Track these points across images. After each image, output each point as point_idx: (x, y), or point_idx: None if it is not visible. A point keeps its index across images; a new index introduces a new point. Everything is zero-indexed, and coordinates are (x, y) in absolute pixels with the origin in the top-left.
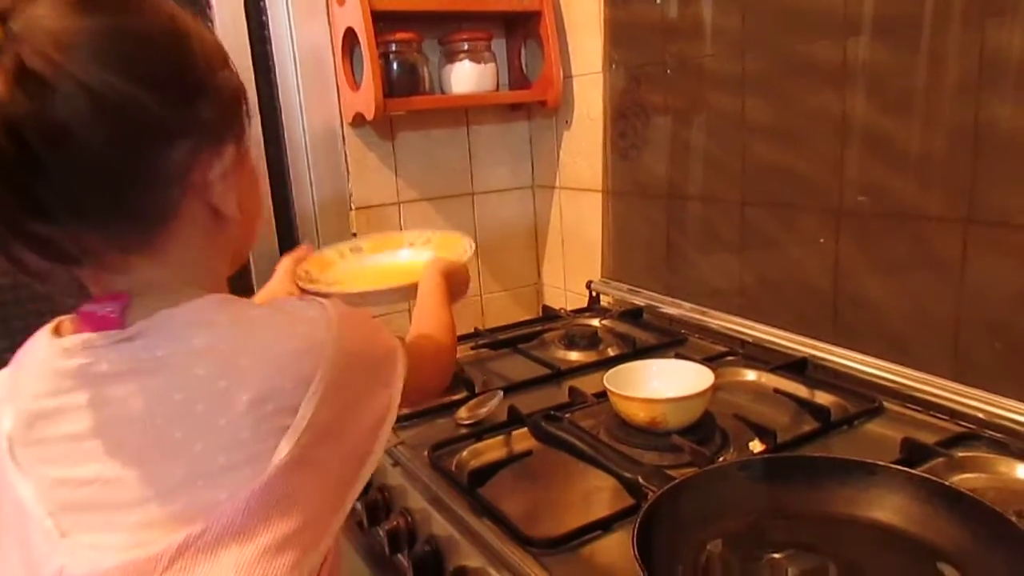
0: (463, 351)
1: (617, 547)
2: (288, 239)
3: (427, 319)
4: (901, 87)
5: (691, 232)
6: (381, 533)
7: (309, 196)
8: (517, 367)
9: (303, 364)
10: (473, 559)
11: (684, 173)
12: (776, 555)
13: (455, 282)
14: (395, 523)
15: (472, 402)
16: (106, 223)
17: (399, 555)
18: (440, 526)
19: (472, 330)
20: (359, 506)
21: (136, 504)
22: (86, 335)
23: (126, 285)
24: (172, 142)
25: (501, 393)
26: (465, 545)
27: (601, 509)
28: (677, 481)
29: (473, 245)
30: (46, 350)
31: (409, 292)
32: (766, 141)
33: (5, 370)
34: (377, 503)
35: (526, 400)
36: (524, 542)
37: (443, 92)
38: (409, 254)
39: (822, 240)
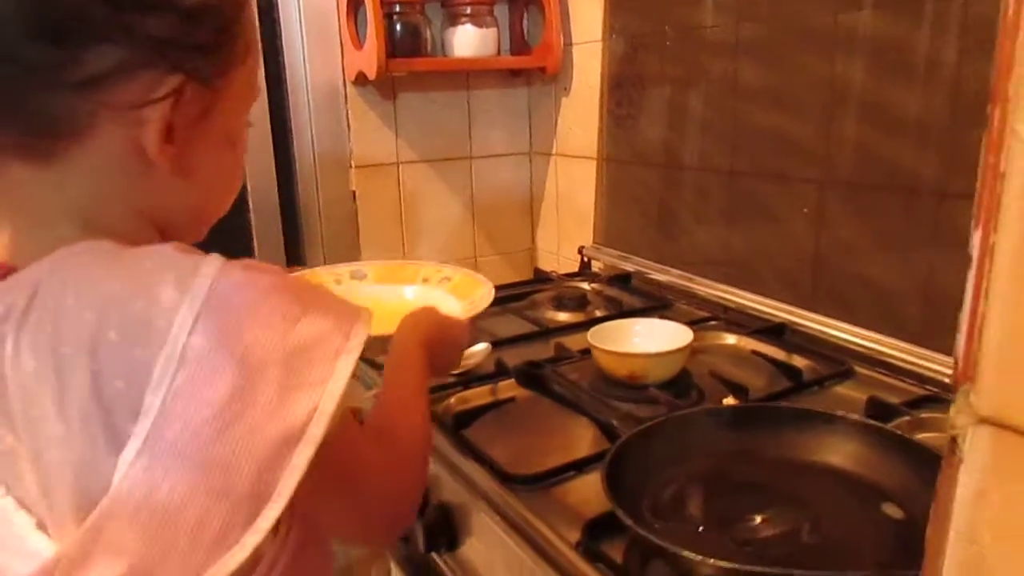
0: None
1: (592, 486)
2: (288, 194)
3: (393, 408)
4: (897, 56)
5: (682, 200)
6: None
7: (310, 152)
8: (506, 325)
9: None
10: (456, 495)
11: (678, 142)
12: (734, 493)
13: (443, 353)
14: None
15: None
16: None
17: None
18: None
19: None
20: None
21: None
22: None
23: (4, 201)
24: (93, 43)
25: (489, 345)
26: (448, 482)
27: (579, 453)
28: (648, 423)
29: (493, 295)
30: None
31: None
32: (760, 111)
33: None
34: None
35: (513, 354)
36: (504, 479)
37: (445, 55)
38: (419, 292)
39: (806, 210)
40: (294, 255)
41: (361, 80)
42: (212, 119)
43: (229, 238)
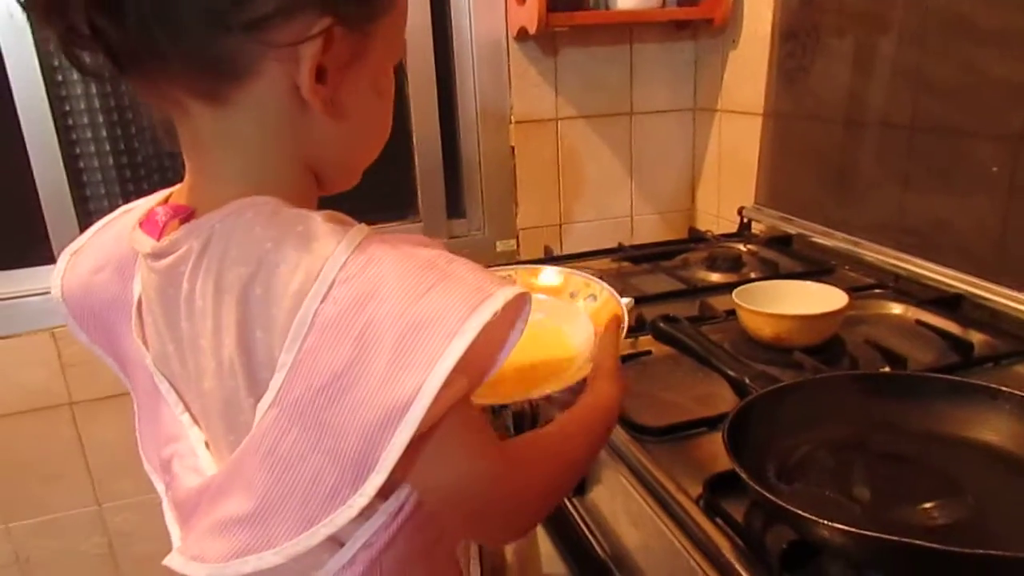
0: (602, 263)
1: (720, 445)
2: (451, 147)
3: (570, 431)
4: None
5: (855, 159)
6: (508, 415)
7: (473, 107)
8: (654, 282)
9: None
10: None
11: (852, 96)
12: (871, 462)
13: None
14: (520, 406)
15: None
16: (172, 39)
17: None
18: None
19: (616, 245)
20: None
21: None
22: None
23: (188, 137)
24: None
25: (632, 300)
26: None
27: (713, 411)
28: (783, 384)
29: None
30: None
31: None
32: (948, 59)
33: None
34: None
35: (656, 311)
36: (633, 429)
37: (607, 8)
38: (558, 306)
39: (995, 169)
40: (454, 207)
41: (523, 35)
42: (361, 66)
43: (395, 189)
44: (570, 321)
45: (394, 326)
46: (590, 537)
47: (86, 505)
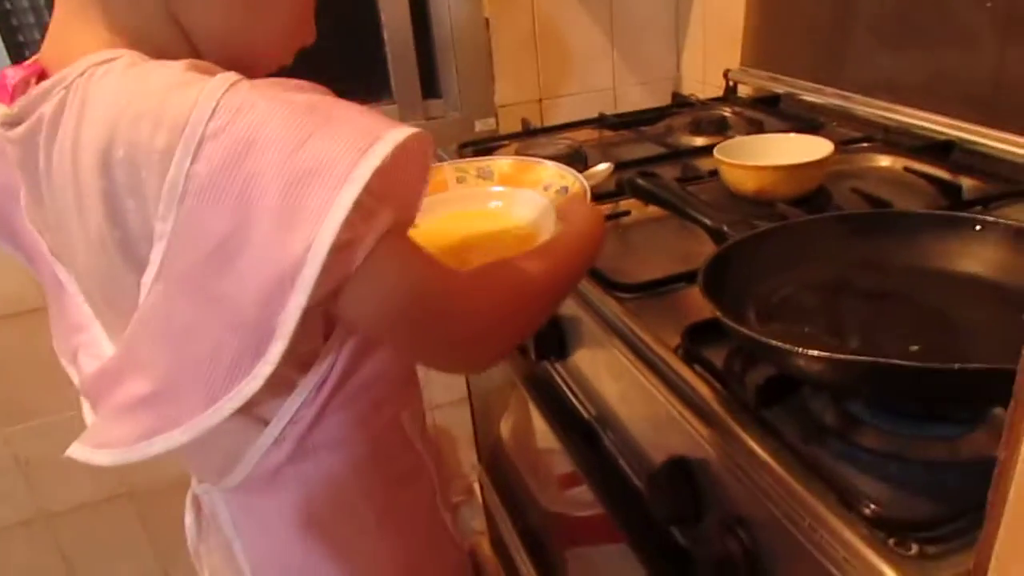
0: (583, 133)
1: (700, 299)
2: (422, 25)
3: (549, 252)
4: None
5: (843, 10)
6: None
7: None
8: (636, 150)
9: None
10: (566, 307)
11: None
12: (853, 298)
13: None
14: None
15: (582, 173)
16: None
17: None
18: None
19: (596, 115)
20: None
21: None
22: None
23: None
24: None
25: (611, 165)
26: None
27: (691, 266)
28: (763, 228)
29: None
30: None
31: None
32: None
33: None
34: None
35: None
36: (611, 286)
37: None
38: (532, 199)
39: (989, 4)
40: (429, 87)
41: None
42: None
43: (365, 70)
44: (530, 207)
45: (276, 180)
46: (574, 401)
47: (74, 409)
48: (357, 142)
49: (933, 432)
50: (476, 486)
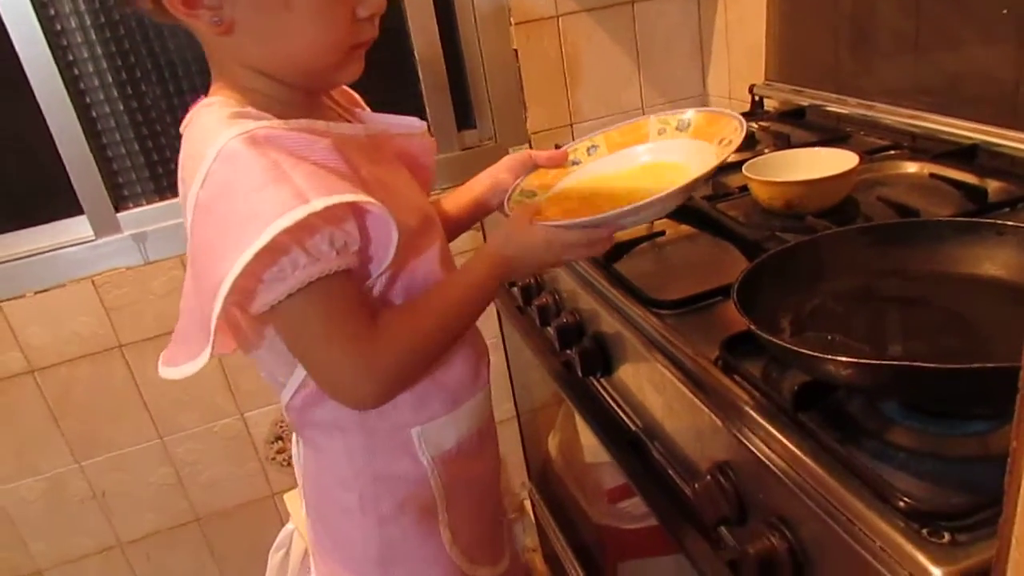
0: None
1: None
2: (454, 59)
3: (435, 301)
4: None
5: (865, 22)
6: (533, 308)
7: (471, 12)
8: None
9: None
10: (609, 326)
11: None
12: (881, 307)
13: (530, 260)
14: (544, 300)
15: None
16: None
17: (548, 327)
18: (584, 300)
19: None
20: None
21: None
22: None
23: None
24: None
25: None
26: (602, 313)
27: (726, 280)
28: (792, 243)
29: (744, 129)
30: None
31: (657, 206)
32: None
33: None
34: (547, 307)
35: None
36: (648, 304)
37: None
38: (656, 148)
39: (1005, 11)
40: (463, 118)
41: None
42: None
43: (403, 107)
44: (677, 152)
45: (233, 215)
46: (620, 414)
47: (149, 440)
48: (287, 202)
49: (963, 430)
50: (527, 503)
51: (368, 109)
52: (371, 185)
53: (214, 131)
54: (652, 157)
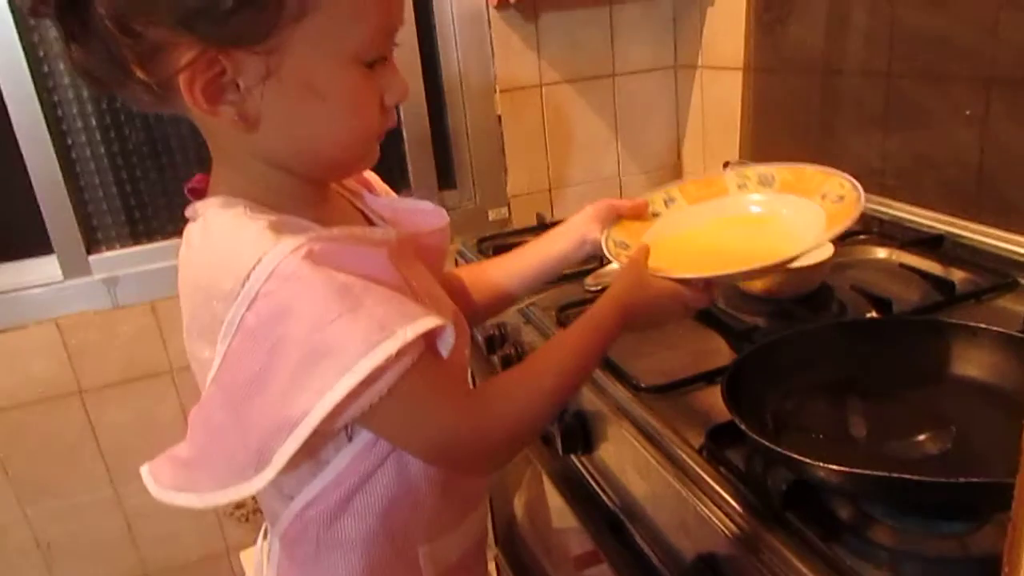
0: None
1: (719, 397)
2: (438, 121)
3: (553, 355)
4: None
5: (834, 108)
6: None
7: (457, 78)
8: None
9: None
10: (591, 404)
11: (830, 46)
12: (861, 404)
13: (653, 312)
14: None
15: (600, 270)
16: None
17: None
18: None
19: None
20: (496, 359)
21: None
22: None
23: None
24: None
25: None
26: (584, 391)
27: (709, 365)
28: (775, 337)
29: (859, 192)
30: None
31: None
32: (920, 7)
33: None
34: (511, 357)
35: None
36: (634, 389)
37: None
38: (743, 201)
39: (968, 112)
40: (445, 179)
41: (503, 4)
42: (281, 76)
43: (385, 163)
44: (798, 214)
45: (299, 348)
46: (598, 491)
47: (102, 489)
48: (371, 335)
49: (943, 529)
50: (492, 567)
51: (378, 189)
52: (420, 295)
53: (253, 243)
54: (757, 210)
